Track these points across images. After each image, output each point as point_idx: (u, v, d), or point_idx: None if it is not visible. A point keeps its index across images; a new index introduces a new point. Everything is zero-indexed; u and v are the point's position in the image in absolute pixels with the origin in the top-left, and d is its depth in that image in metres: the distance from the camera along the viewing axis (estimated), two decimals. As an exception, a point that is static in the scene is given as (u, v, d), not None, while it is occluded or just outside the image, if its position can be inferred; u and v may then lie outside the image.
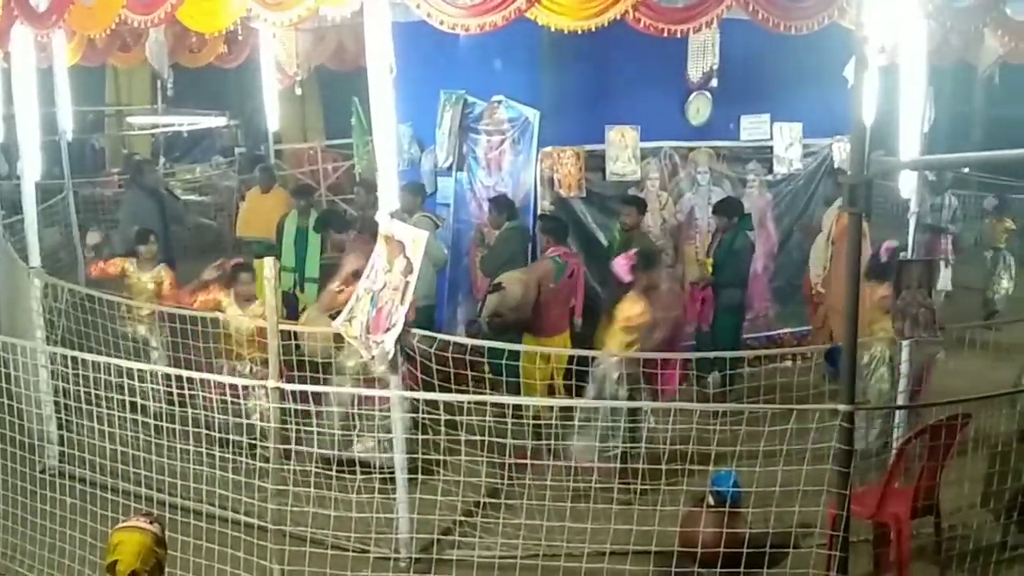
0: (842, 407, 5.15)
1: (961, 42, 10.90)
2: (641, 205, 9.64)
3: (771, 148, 10.81)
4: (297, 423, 6.73)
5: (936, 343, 7.41)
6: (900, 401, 7.56)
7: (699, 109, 10.30)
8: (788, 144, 10.84)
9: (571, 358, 8.23)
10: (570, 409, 7.44)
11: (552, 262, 8.76)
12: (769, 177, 10.86)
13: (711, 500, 6.56)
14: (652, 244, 9.76)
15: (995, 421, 6.93)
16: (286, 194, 11.98)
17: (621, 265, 7.93)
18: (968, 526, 6.84)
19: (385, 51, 6.38)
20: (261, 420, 6.73)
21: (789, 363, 9.01)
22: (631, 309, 7.85)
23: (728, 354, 8.04)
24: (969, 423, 6.54)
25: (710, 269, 9.72)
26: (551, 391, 8.46)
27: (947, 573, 6.48)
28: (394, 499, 6.67)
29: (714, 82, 10.15)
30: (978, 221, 14.75)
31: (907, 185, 7.58)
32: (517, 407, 7.14)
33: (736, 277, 9.63)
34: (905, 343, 7.16)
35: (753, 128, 10.69)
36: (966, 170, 14.42)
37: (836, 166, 10.87)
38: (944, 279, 12.39)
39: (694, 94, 10.21)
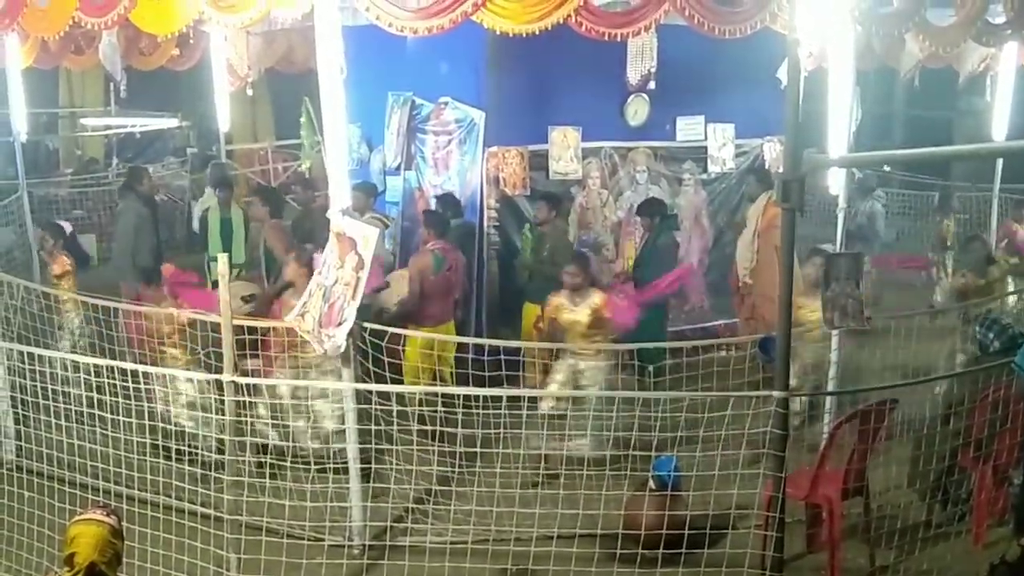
0: (777, 393, 5.26)
1: (884, 47, 11.10)
2: (553, 201, 9.75)
3: (705, 148, 11.02)
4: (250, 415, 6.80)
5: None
6: (830, 388, 7.70)
7: (637, 111, 10.46)
8: (721, 144, 11.06)
9: (461, 347, 8.36)
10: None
11: (432, 255, 8.83)
12: (704, 176, 11.06)
13: (653, 484, 6.69)
14: (566, 240, 9.93)
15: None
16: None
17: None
18: (896, 506, 7.03)
19: (335, 54, 6.41)
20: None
21: (723, 352, 9.16)
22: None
23: (666, 344, 8.19)
24: (896, 408, 6.80)
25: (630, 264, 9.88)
26: (437, 379, 8.45)
27: (876, 551, 6.61)
28: (347, 488, 6.69)
29: (652, 85, 10.28)
30: (901, 218, 15.04)
31: (836, 182, 7.85)
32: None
33: (659, 274, 9.34)
34: (835, 332, 7.30)
35: (688, 129, 10.89)
36: (887, 168, 14.72)
37: (766, 165, 11.09)
38: None
39: (633, 96, 10.36)
